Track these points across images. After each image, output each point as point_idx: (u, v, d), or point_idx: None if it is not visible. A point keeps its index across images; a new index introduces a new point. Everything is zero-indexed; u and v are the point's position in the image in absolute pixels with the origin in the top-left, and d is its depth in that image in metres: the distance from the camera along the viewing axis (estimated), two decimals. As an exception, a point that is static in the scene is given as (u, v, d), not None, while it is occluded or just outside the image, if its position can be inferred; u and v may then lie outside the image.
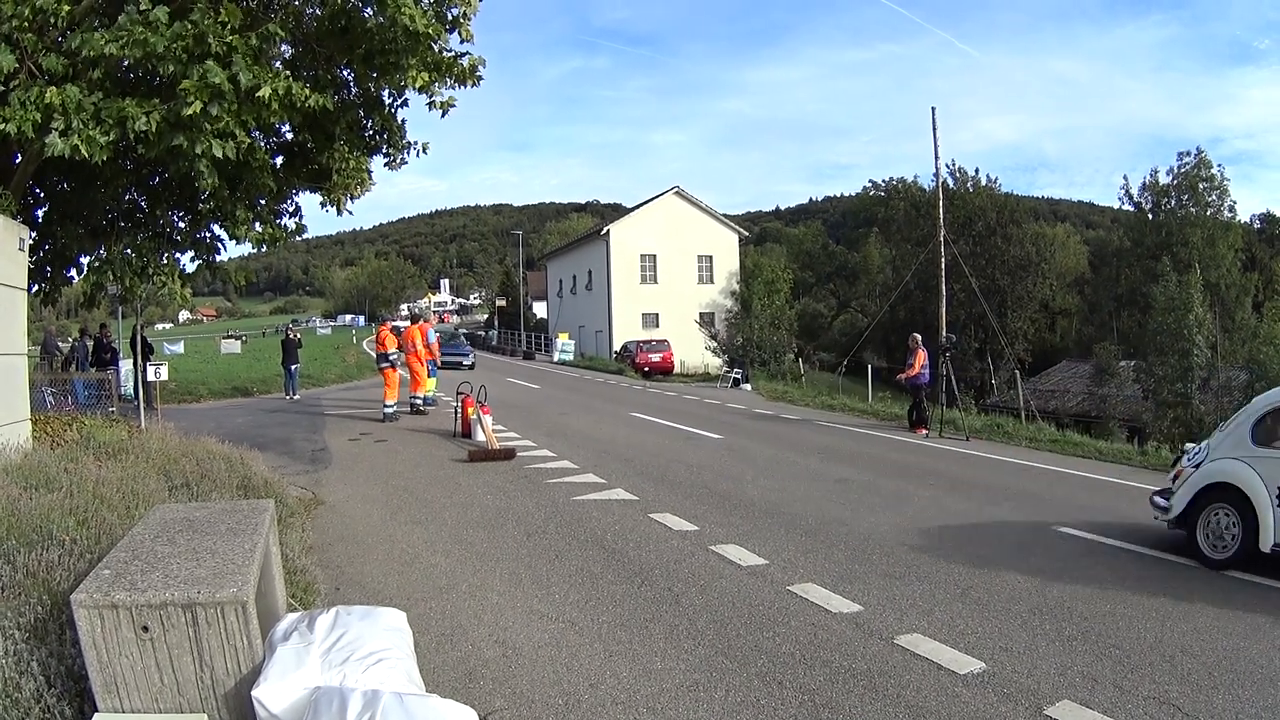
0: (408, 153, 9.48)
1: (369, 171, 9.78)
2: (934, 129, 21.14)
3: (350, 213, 9.82)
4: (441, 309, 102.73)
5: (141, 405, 11.49)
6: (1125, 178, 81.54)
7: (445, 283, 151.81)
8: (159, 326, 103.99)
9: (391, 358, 14.42)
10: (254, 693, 2.66)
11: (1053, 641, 4.41)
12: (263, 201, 8.96)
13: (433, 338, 15.14)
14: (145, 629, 2.72)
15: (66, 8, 6.48)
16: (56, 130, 6.26)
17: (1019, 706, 3.63)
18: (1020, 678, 3.92)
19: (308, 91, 6.89)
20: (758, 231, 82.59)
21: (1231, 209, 43.91)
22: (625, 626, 4.60)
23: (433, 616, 4.71)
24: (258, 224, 8.83)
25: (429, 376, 15.02)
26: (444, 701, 2.69)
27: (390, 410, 13.95)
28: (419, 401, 14.69)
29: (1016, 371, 22.72)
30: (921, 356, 14.12)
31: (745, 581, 5.43)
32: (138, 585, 2.80)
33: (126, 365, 16.48)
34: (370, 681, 2.74)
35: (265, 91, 6.56)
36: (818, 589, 5.25)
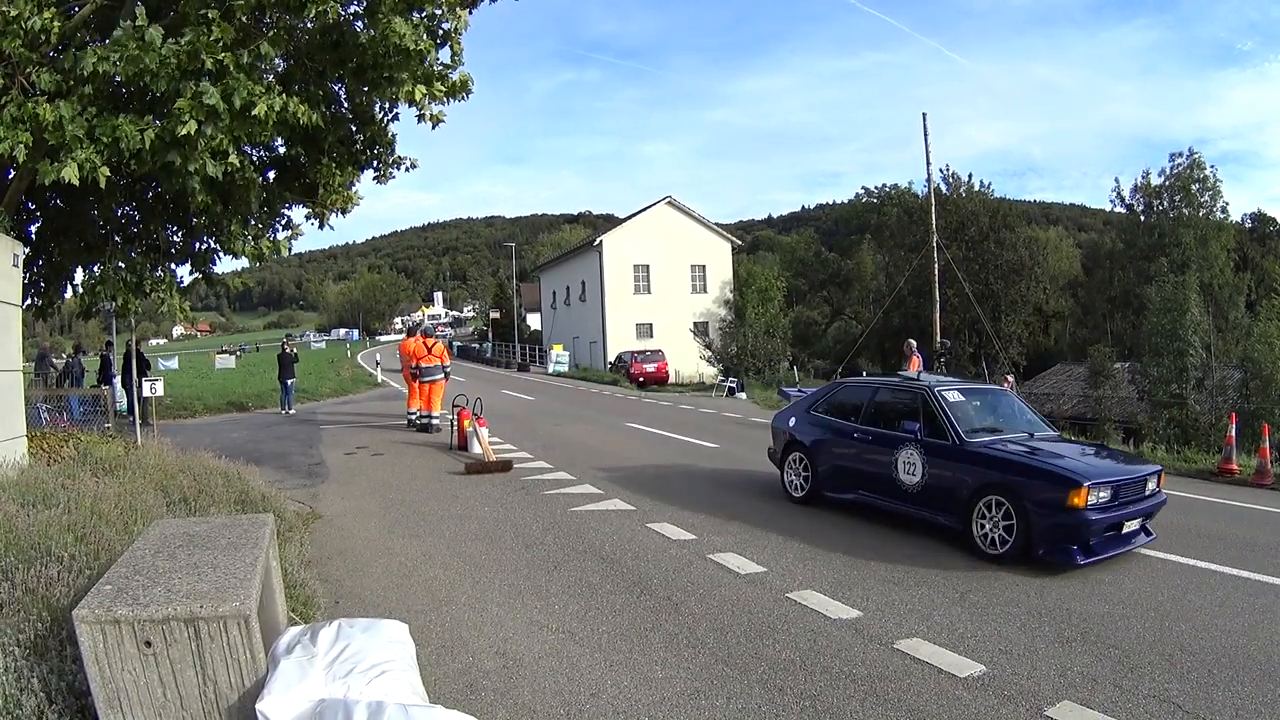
0: (397, 168, 9.50)
1: (353, 186, 9.86)
2: (925, 135, 21.37)
3: (333, 228, 9.93)
4: (436, 321, 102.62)
5: (137, 421, 11.45)
6: (1117, 180, 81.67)
7: (439, 295, 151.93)
8: (153, 342, 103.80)
9: (448, 369, 14.51)
10: (258, 706, 2.66)
11: (1052, 643, 4.44)
12: (252, 221, 8.97)
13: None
14: (148, 644, 2.72)
15: (57, 25, 6.49)
16: (52, 151, 6.25)
17: (1019, 708, 3.65)
18: (1020, 679, 3.94)
19: (304, 109, 6.90)
20: (750, 240, 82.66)
21: (1224, 210, 44.25)
22: (625, 636, 4.60)
23: (432, 629, 4.71)
24: (251, 239, 8.86)
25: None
26: (449, 713, 2.69)
27: (436, 420, 14.00)
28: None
29: (1011, 375, 22.71)
30: (916, 362, 14.15)
31: (744, 589, 5.44)
32: (140, 600, 2.80)
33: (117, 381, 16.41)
34: (374, 694, 2.74)
35: (261, 109, 6.54)
36: (817, 595, 5.26)
